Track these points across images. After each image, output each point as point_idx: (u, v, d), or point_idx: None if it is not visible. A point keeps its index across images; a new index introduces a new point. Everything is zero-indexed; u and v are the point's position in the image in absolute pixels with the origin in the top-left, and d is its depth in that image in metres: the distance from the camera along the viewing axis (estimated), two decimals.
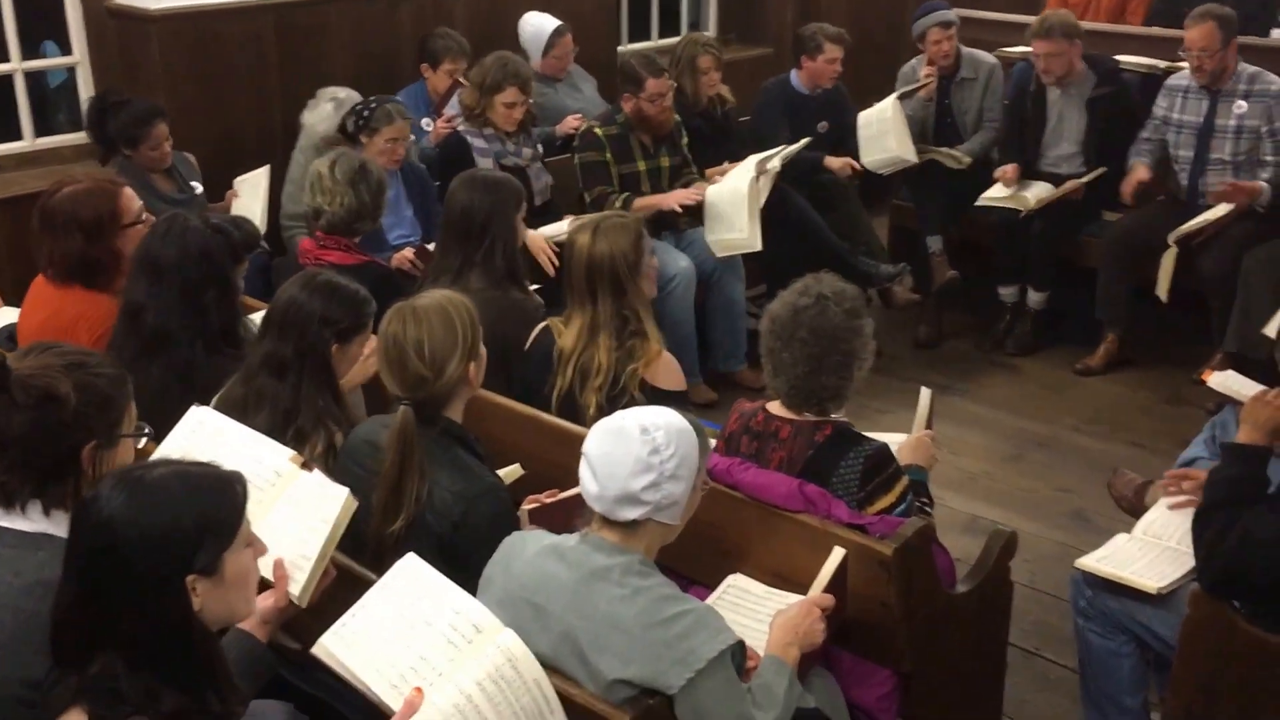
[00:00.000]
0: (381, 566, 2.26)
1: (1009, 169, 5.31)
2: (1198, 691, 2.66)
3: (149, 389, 2.39)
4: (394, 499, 2.48)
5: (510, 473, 2.90)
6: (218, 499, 1.79)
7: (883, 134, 5.38)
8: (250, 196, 4.55)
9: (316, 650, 2.07)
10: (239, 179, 4.64)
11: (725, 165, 5.18)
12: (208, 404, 2.66)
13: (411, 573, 2.11)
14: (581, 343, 3.18)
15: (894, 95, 5.46)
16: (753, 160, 4.85)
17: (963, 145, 5.57)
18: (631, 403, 3.06)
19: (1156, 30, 5.99)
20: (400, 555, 2.15)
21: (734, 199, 4.71)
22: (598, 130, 4.94)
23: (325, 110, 4.72)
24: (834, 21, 5.84)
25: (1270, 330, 3.45)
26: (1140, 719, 2.98)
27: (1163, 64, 5.45)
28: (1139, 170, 5.15)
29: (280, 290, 2.85)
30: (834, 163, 5.47)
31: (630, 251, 3.17)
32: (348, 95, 4.72)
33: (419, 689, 1.92)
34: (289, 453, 2.43)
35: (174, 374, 2.96)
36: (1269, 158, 4.91)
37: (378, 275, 3.71)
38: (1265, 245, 4.64)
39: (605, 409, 3.06)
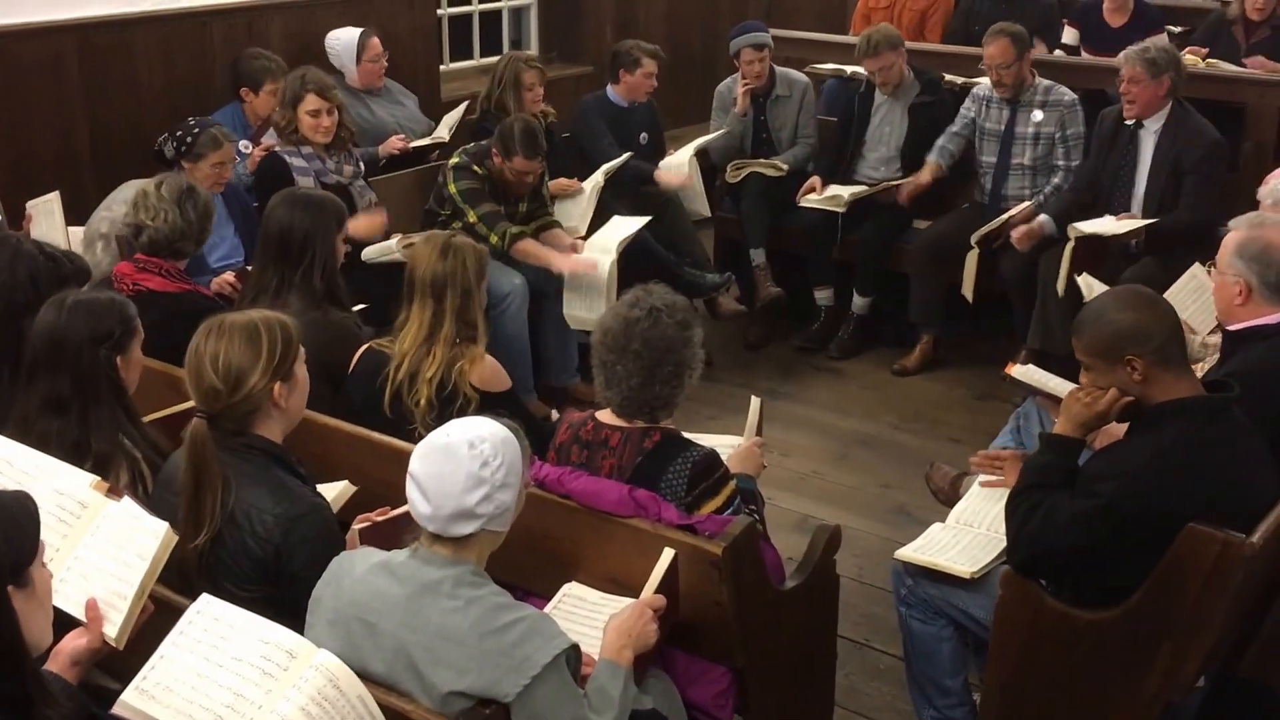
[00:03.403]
0: (188, 587, 2.18)
1: (809, 183, 5.55)
2: (1012, 667, 2.81)
3: None
4: (194, 513, 2.40)
5: (342, 493, 2.85)
6: (12, 511, 1.72)
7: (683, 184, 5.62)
8: (48, 223, 4.32)
9: (118, 709, 1.97)
10: (31, 203, 4.40)
11: (563, 180, 5.29)
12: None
13: (210, 613, 2.04)
14: (421, 339, 3.22)
15: (690, 150, 5.61)
16: (614, 242, 4.92)
17: (779, 156, 5.76)
18: (465, 403, 3.14)
19: (955, 48, 6.32)
20: (208, 575, 2.07)
21: (595, 284, 4.81)
22: (475, 168, 4.86)
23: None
24: (652, 39, 5.97)
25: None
26: (962, 699, 3.11)
27: (959, 80, 5.77)
28: (925, 172, 5.45)
29: (34, 326, 2.70)
30: (666, 177, 5.59)
31: (480, 268, 3.30)
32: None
33: None
34: (90, 479, 2.31)
35: None
36: (1060, 162, 5.28)
37: (200, 308, 3.54)
38: (1057, 247, 4.93)
39: (435, 404, 3.12)
